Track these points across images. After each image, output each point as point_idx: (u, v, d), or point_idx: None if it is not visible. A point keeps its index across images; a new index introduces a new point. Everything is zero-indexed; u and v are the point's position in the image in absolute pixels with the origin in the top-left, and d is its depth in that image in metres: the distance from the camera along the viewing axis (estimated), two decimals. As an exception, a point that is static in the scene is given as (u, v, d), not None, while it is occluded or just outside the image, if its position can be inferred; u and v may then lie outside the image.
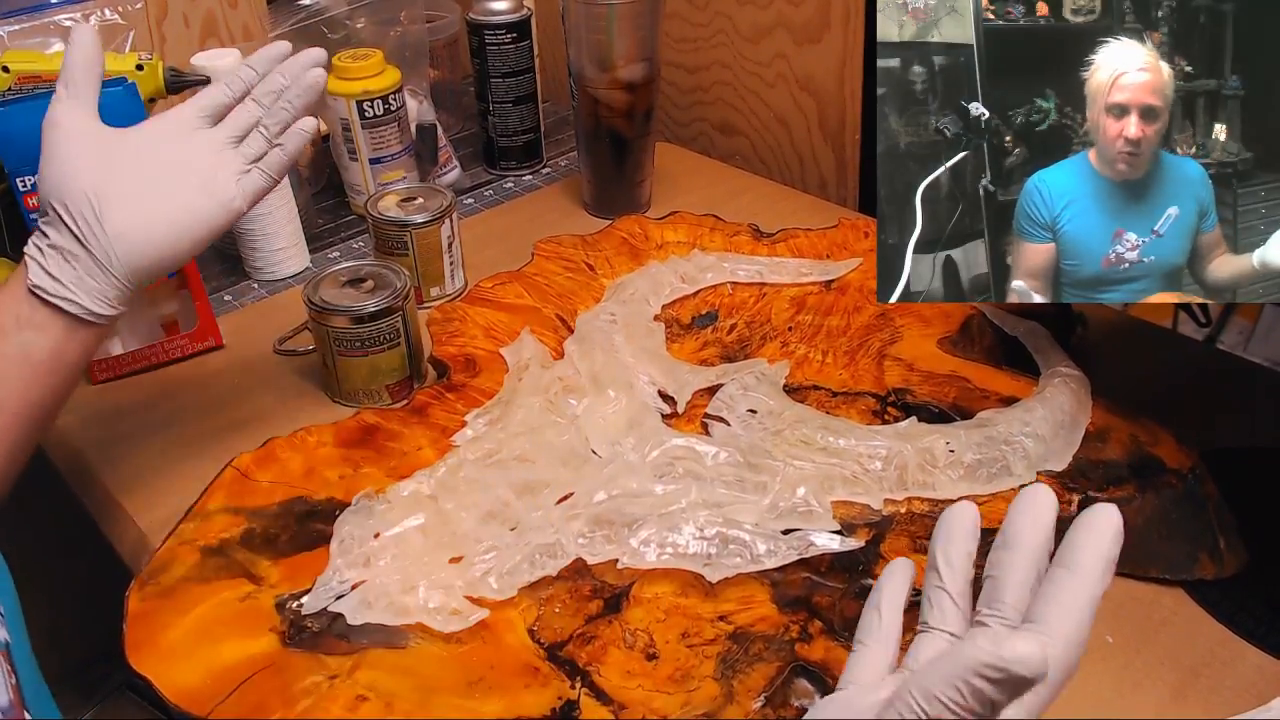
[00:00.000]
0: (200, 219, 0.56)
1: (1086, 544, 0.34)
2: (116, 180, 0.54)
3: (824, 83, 0.97)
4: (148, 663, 0.49)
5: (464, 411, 0.65)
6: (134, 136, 0.56)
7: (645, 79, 0.89)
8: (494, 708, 0.48)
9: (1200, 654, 0.54)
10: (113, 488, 0.67)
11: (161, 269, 0.56)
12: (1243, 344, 0.80)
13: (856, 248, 0.82)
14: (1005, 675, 0.31)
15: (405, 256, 0.81)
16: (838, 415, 0.66)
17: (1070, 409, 0.62)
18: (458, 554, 0.56)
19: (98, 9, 0.87)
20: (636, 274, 0.79)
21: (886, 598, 0.39)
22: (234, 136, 0.57)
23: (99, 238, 0.53)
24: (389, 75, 0.93)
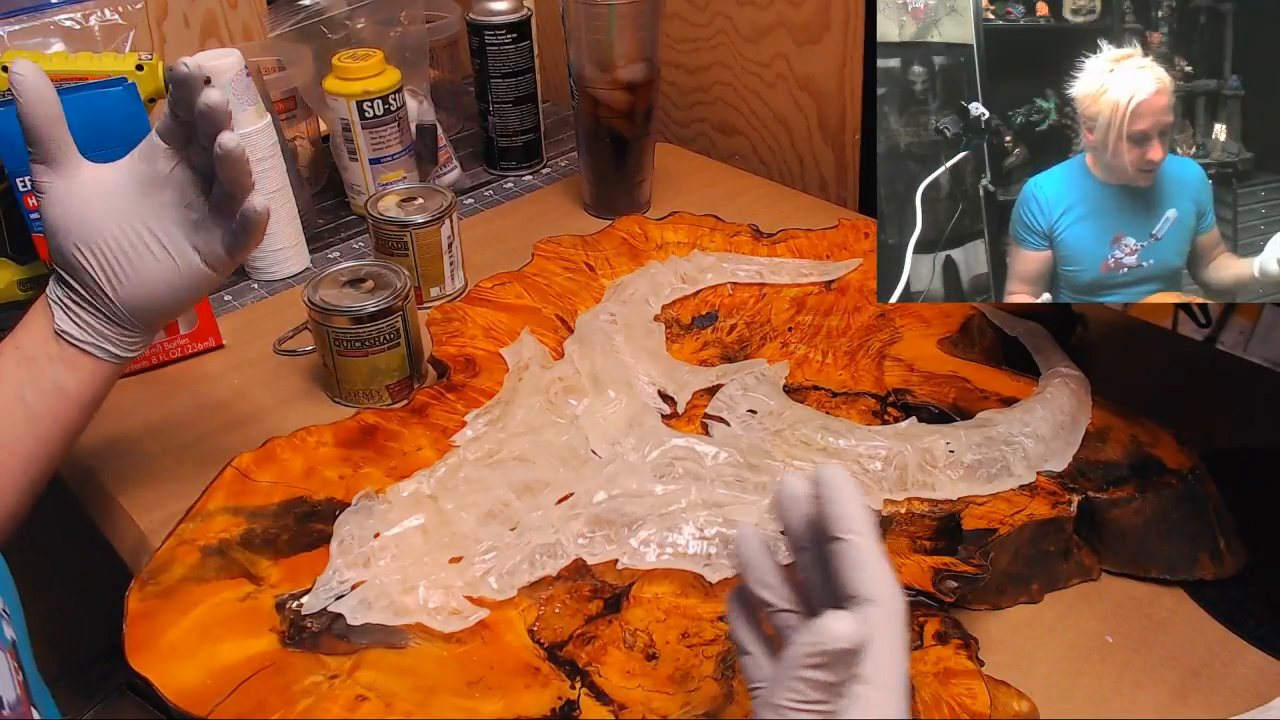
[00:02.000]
0: (191, 279, 0.56)
1: (844, 511, 0.37)
2: (108, 250, 0.54)
3: (824, 83, 0.97)
4: (148, 663, 0.49)
5: (464, 411, 0.65)
6: (116, 200, 0.54)
7: (645, 79, 0.89)
8: (494, 708, 0.48)
9: (1200, 654, 0.54)
10: (113, 488, 0.67)
11: (179, 311, 0.59)
12: (1243, 344, 0.80)
13: (856, 248, 0.82)
14: (829, 656, 0.34)
15: (405, 256, 0.81)
16: (838, 415, 0.66)
17: (1070, 409, 0.62)
18: (458, 554, 0.56)
19: (98, 9, 0.88)
20: (636, 274, 0.79)
21: (736, 612, 0.42)
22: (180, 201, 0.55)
23: (111, 304, 0.55)
24: (389, 75, 0.93)
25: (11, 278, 0.77)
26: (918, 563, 0.54)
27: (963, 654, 0.49)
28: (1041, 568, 0.57)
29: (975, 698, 0.47)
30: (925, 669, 0.49)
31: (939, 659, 0.49)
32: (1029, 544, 0.56)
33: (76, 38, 0.86)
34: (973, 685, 0.47)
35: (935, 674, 0.48)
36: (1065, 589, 0.57)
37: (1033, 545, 0.56)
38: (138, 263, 0.54)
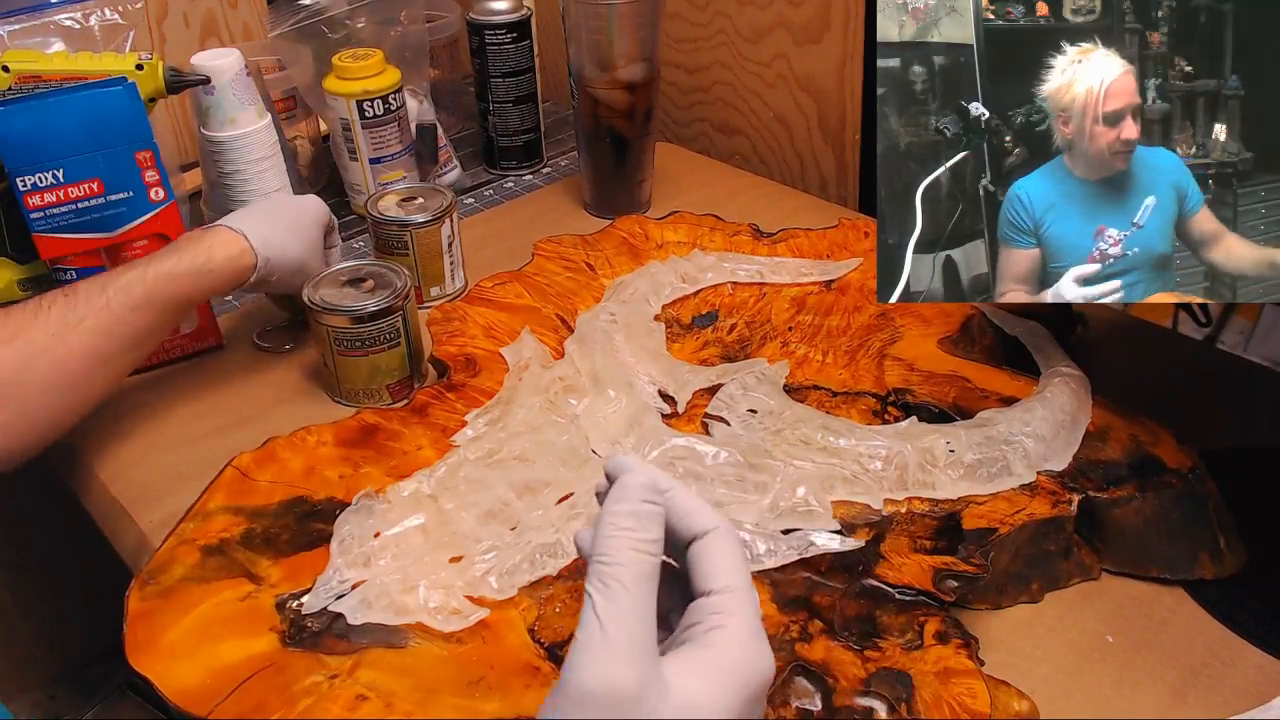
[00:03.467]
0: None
1: (690, 516, 0.39)
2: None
3: (824, 83, 0.97)
4: (148, 662, 0.49)
5: (464, 411, 0.65)
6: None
7: (645, 79, 0.89)
8: (494, 708, 0.48)
9: (1200, 654, 0.54)
10: (113, 488, 0.67)
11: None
12: (1243, 344, 0.80)
13: (856, 248, 0.82)
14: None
15: (405, 256, 0.81)
16: (838, 415, 0.66)
17: (1070, 409, 0.62)
18: (458, 554, 0.56)
19: (98, 9, 0.88)
20: (636, 274, 0.79)
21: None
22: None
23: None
24: (389, 75, 0.93)
25: (11, 278, 0.77)
26: (918, 562, 0.54)
27: (963, 653, 0.49)
28: (1041, 567, 0.57)
29: (975, 697, 0.47)
30: (925, 668, 0.49)
31: (939, 658, 0.49)
32: (1029, 543, 0.56)
33: (76, 38, 0.86)
34: (973, 685, 0.48)
35: (935, 673, 0.48)
36: (1065, 589, 0.57)
37: (1033, 545, 0.56)
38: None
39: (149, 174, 0.71)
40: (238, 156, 0.84)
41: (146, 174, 0.71)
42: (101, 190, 0.70)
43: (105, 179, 0.69)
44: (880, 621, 0.52)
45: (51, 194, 0.68)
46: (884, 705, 0.48)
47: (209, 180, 0.90)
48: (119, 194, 0.70)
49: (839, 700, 0.48)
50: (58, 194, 0.68)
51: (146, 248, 0.73)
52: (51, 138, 0.67)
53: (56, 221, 0.69)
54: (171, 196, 0.73)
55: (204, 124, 0.84)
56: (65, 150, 0.68)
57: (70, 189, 0.69)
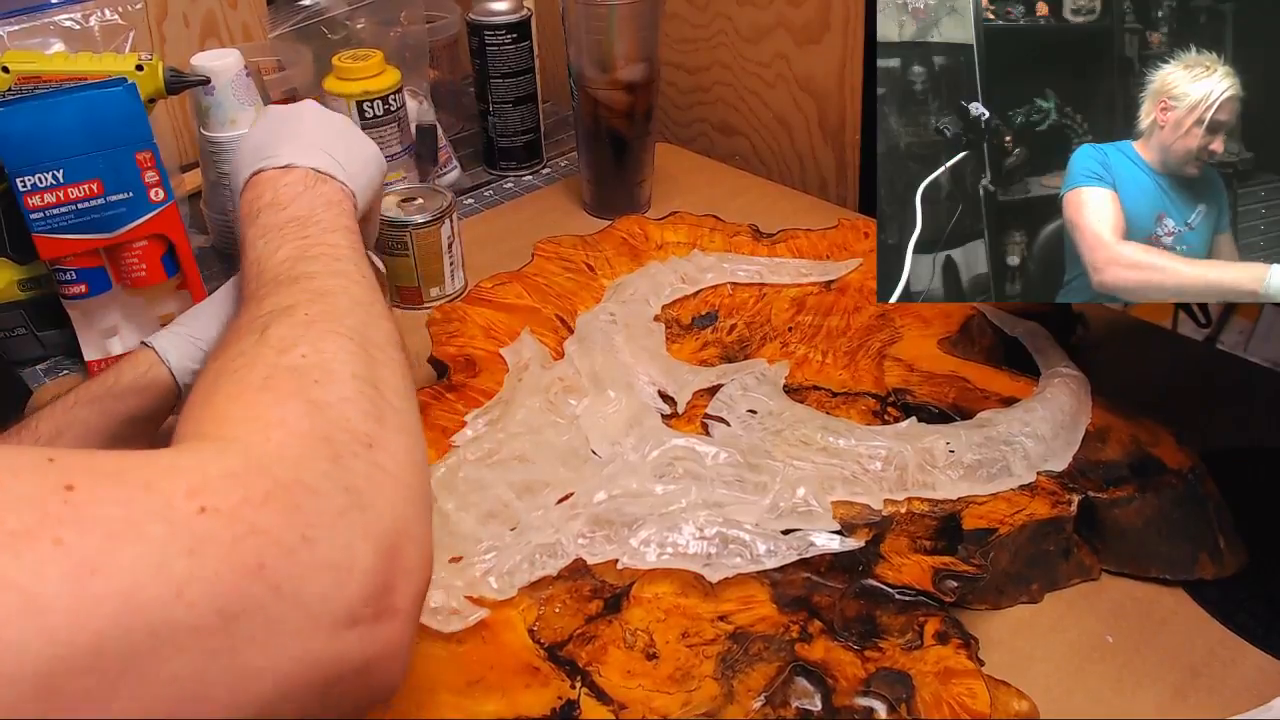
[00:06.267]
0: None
1: None
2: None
3: (824, 83, 0.97)
4: (147, 663, 0.48)
5: (464, 411, 0.65)
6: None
7: (645, 79, 0.89)
8: (494, 707, 0.48)
9: (1200, 654, 0.54)
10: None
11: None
12: (1243, 344, 0.80)
13: (856, 248, 0.82)
14: None
15: (405, 257, 0.81)
16: (838, 415, 0.66)
17: (1070, 409, 0.62)
18: (458, 554, 0.56)
19: (98, 9, 0.88)
20: (636, 274, 0.79)
21: None
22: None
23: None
24: (389, 75, 0.93)
25: (12, 278, 0.77)
26: (918, 563, 0.54)
27: (963, 653, 0.49)
28: (1041, 568, 0.57)
29: (975, 697, 0.47)
30: (925, 668, 0.49)
31: (939, 658, 0.49)
32: (1029, 544, 0.56)
33: (76, 38, 0.86)
34: (973, 685, 0.48)
35: (935, 673, 0.48)
36: (1065, 589, 0.57)
37: (1033, 545, 0.56)
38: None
39: (149, 174, 0.71)
40: (238, 157, 0.84)
41: (146, 175, 0.71)
42: (101, 191, 0.70)
43: (105, 179, 0.69)
44: (880, 621, 0.52)
45: (51, 194, 0.68)
46: (884, 705, 0.48)
47: (209, 180, 0.91)
48: (119, 194, 0.70)
49: (839, 700, 0.48)
50: (57, 194, 0.68)
51: (146, 248, 0.73)
52: (51, 138, 0.67)
53: (56, 222, 0.69)
54: (171, 197, 0.73)
55: (204, 125, 0.84)
56: (65, 151, 0.68)
57: (70, 189, 0.69)
